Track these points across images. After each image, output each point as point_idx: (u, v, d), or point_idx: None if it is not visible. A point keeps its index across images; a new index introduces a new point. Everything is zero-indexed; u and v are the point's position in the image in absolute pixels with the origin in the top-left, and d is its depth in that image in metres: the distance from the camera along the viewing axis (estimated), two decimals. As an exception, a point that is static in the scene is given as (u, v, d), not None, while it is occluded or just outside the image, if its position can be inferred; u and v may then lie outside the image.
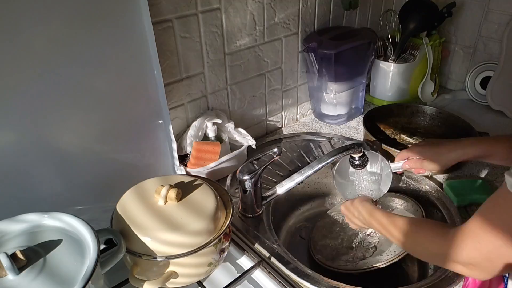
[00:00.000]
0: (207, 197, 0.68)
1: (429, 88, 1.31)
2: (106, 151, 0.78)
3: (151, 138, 0.84)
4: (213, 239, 0.64)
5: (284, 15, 1.02)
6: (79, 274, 0.52)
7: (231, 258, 0.77)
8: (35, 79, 0.64)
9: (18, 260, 0.52)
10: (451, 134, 1.05)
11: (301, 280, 0.72)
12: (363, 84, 1.20)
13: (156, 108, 0.81)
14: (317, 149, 1.08)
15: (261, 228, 0.84)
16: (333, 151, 0.82)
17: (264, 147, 1.09)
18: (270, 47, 1.03)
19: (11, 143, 0.66)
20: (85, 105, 0.71)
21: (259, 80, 1.06)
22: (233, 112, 1.04)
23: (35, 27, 0.61)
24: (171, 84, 0.88)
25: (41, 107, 0.66)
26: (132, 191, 0.69)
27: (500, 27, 1.21)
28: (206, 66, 0.92)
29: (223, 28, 0.91)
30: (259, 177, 0.80)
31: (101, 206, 0.71)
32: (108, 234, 0.63)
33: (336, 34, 1.09)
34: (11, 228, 0.58)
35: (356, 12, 1.21)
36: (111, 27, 0.69)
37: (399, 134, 1.11)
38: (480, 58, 1.29)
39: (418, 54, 1.24)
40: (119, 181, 0.72)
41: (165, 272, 0.64)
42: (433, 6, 1.22)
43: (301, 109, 1.23)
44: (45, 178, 0.72)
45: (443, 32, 1.34)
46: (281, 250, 0.78)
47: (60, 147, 0.72)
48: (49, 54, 0.64)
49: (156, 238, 0.61)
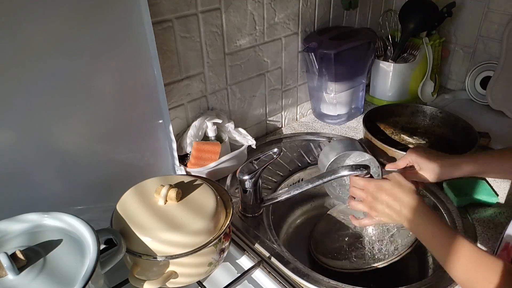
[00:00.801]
0: (207, 197, 0.68)
1: (429, 88, 1.31)
2: (106, 151, 0.78)
3: (151, 138, 0.84)
4: (213, 239, 0.64)
5: (284, 15, 1.02)
6: (79, 274, 0.52)
7: (231, 258, 0.77)
8: (35, 79, 0.64)
9: (18, 260, 0.52)
10: (451, 134, 1.05)
11: (301, 280, 0.72)
12: (363, 84, 1.20)
13: (156, 108, 0.81)
14: (317, 149, 1.08)
15: (261, 228, 0.84)
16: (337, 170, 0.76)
17: (264, 147, 1.09)
18: (270, 47, 1.03)
19: (11, 143, 0.66)
20: (85, 105, 0.71)
21: (259, 80, 1.06)
22: (233, 112, 1.04)
23: (35, 28, 0.61)
24: (171, 84, 0.88)
25: (41, 107, 0.66)
26: (132, 191, 0.69)
27: (500, 27, 1.21)
28: (206, 66, 0.92)
29: (223, 28, 0.91)
30: (259, 177, 0.80)
31: (101, 206, 0.71)
32: (108, 234, 0.63)
33: (336, 34, 1.09)
34: (12, 228, 0.58)
35: (356, 12, 1.22)
36: (111, 27, 0.69)
37: (399, 134, 1.11)
38: (480, 58, 1.29)
39: (418, 54, 1.24)
40: (119, 181, 0.72)
41: (165, 272, 0.64)
42: (433, 6, 1.22)
43: (301, 109, 1.23)
44: (45, 178, 0.72)
45: (443, 32, 1.34)
46: (281, 250, 0.78)
47: (60, 147, 0.71)
48: (49, 54, 0.64)
49: (156, 238, 0.61)
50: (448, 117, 1.07)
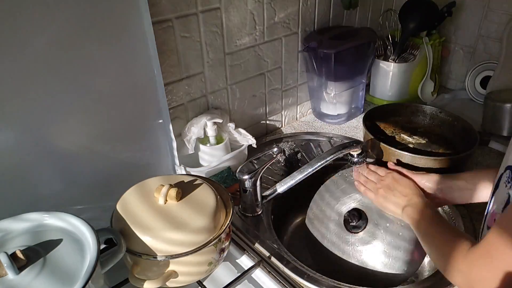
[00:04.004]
0: (207, 197, 0.68)
1: (429, 87, 1.30)
2: (106, 151, 0.78)
3: (151, 138, 0.84)
4: (213, 238, 0.64)
5: (284, 14, 1.02)
6: (79, 273, 0.52)
7: (231, 257, 0.77)
8: (35, 79, 0.64)
9: (18, 259, 0.52)
10: (451, 134, 1.05)
11: (301, 280, 0.72)
12: (363, 83, 1.20)
13: (156, 107, 0.81)
14: (317, 148, 1.08)
15: (261, 228, 0.84)
16: (332, 149, 0.82)
17: (264, 146, 1.09)
18: (270, 46, 1.03)
19: (11, 143, 0.66)
20: (85, 105, 0.71)
21: (259, 79, 1.06)
22: (233, 112, 1.04)
23: (35, 29, 0.61)
24: (171, 84, 0.88)
25: (42, 107, 0.66)
26: (132, 190, 0.69)
27: (500, 26, 1.21)
28: (206, 65, 0.92)
29: (223, 28, 0.91)
30: (259, 176, 0.80)
31: (101, 206, 0.71)
32: (108, 234, 0.63)
33: (336, 33, 1.09)
34: (14, 227, 0.58)
35: (356, 11, 1.22)
36: (111, 27, 0.69)
37: (399, 133, 1.11)
38: (480, 58, 1.29)
39: (418, 53, 1.24)
40: (119, 181, 0.72)
41: (165, 272, 0.64)
42: (433, 6, 1.22)
43: (301, 109, 1.23)
44: (45, 177, 0.72)
45: (443, 32, 1.34)
46: (281, 249, 0.78)
47: (60, 147, 0.72)
48: (49, 54, 0.64)
49: (156, 238, 0.61)
50: (448, 117, 1.07)
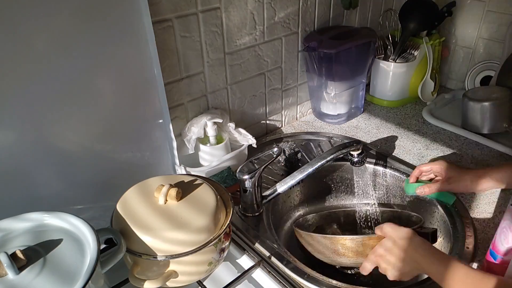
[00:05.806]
0: (207, 197, 0.68)
1: (429, 87, 1.30)
2: (106, 151, 0.78)
3: (151, 138, 0.84)
4: (213, 238, 0.64)
5: (284, 14, 1.02)
6: (79, 273, 0.52)
7: (231, 257, 0.77)
8: (35, 79, 0.64)
9: (18, 259, 0.52)
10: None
11: (301, 280, 0.72)
12: (363, 83, 1.20)
13: (156, 107, 0.81)
14: (317, 148, 1.08)
15: (261, 228, 0.84)
16: (332, 149, 0.82)
17: (264, 146, 1.09)
18: (270, 46, 1.03)
19: (11, 143, 0.66)
20: (85, 105, 0.71)
21: (259, 79, 1.06)
22: (233, 112, 1.04)
23: (35, 28, 0.61)
24: (171, 84, 0.88)
25: (41, 106, 0.66)
26: (132, 190, 0.69)
27: (500, 26, 1.21)
28: (206, 65, 0.92)
29: (223, 28, 0.91)
30: (259, 176, 0.80)
31: (101, 206, 0.71)
32: (108, 234, 0.63)
33: (336, 33, 1.09)
34: (14, 227, 0.58)
35: (356, 11, 1.21)
36: (111, 26, 0.69)
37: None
38: (480, 58, 1.29)
39: (418, 53, 1.24)
40: (119, 181, 0.72)
41: (165, 272, 0.64)
42: (433, 6, 1.22)
43: (301, 109, 1.23)
44: (45, 177, 0.72)
45: (443, 32, 1.34)
46: (281, 249, 0.78)
47: (60, 147, 0.72)
48: (49, 54, 0.64)
49: (156, 238, 0.61)
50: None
